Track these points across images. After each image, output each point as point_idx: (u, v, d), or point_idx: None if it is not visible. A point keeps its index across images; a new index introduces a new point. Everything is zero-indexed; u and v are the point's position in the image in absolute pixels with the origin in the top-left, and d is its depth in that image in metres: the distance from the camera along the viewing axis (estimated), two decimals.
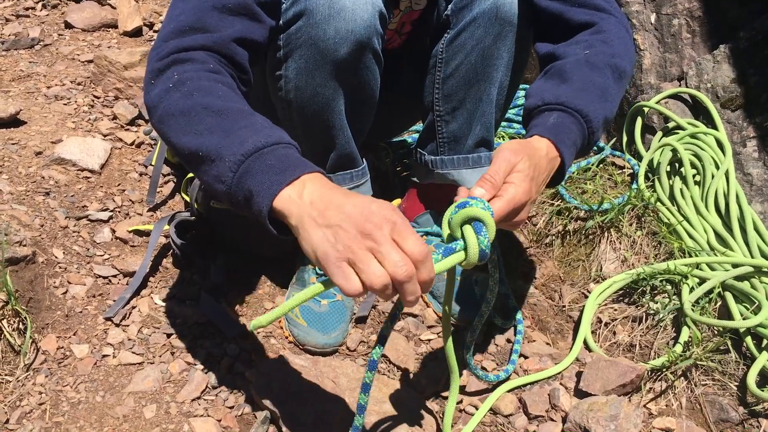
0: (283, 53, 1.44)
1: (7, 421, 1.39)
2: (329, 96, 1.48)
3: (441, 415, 1.54)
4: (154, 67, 1.24)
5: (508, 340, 1.76)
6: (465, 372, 1.63)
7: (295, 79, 1.46)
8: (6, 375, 1.47)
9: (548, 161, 1.26)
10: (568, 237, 2.04)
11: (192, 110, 1.16)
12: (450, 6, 1.59)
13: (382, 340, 1.15)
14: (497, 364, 1.70)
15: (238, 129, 1.13)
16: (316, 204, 1.03)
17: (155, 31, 3.04)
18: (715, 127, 2.16)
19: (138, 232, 1.92)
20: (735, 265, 1.81)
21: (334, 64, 1.42)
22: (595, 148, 2.39)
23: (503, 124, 2.44)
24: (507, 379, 1.63)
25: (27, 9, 2.99)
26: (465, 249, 1.08)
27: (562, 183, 1.82)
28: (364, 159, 1.71)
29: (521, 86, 2.44)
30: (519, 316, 1.79)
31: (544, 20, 1.52)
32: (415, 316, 1.80)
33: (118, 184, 2.09)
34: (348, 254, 0.98)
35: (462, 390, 1.61)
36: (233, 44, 1.29)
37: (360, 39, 1.40)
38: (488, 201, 1.11)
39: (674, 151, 2.12)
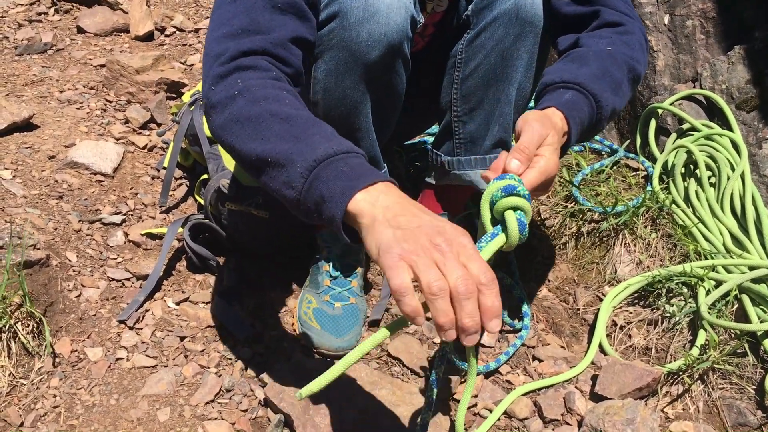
0: (313, 54, 1.44)
1: (21, 424, 1.39)
2: (357, 99, 1.47)
3: (455, 419, 1.53)
4: (216, 73, 1.22)
5: (523, 344, 1.75)
6: (480, 378, 1.62)
7: (324, 81, 1.45)
8: (21, 378, 1.48)
9: (561, 131, 1.28)
10: (581, 239, 2.03)
11: (260, 117, 1.15)
12: (470, 6, 1.58)
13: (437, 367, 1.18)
14: (511, 368, 1.69)
15: (309, 136, 1.12)
16: (391, 209, 1.02)
17: (167, 36, 3.05)
18: (730, 129, 2.14)
19: (151, 236, 1.92)
20: (752, 268, 1.79)
21: (365, 67, 1.41)
22: (608, 149, 2.38)
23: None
24: (496, 370, 1.66)
25: (39, 14, 3.01)
26: (505, 232, 1.13)
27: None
28: (384, 163, 1.71)
29: None
30: (527, 321, 1.78)
31: (567, 22, 1.52)
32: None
33: (131, 188, 2.09)
34: (412, 256, 0.96)
35: (475, 395, 1.60)
36: (289, 44, 1.28)
37: (392, 43, 1.40)
38: (521, 173, 1.16)
39: (689, 152, 2.10)
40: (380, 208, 1.02)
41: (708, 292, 1.74)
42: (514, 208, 1.12)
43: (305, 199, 1.09)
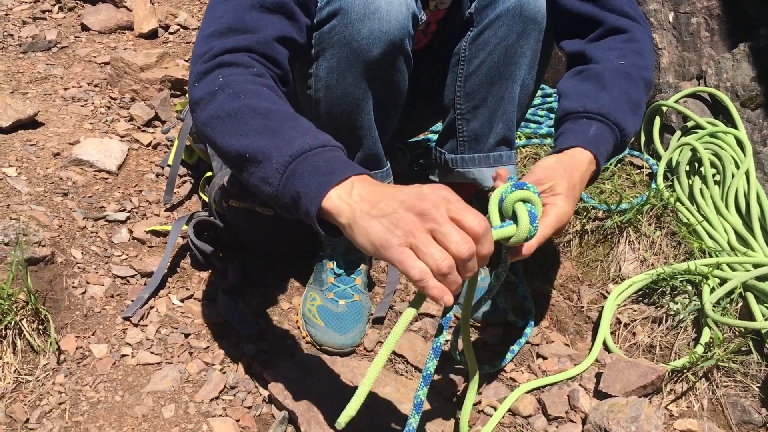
0: (314, 52, 1.43)
1: (27, 421, 1.40)
2: (359, 96, 1.47)
3: (460, 416, 1.53)
4: (199, 70, 1.24)
5: (527, 341, 1.75)
6: (483, 374, 1.62)
7: (326, 78, 1.45)
8: (26, 374, 1.48)
9: (589, 172, 1.33)
10: (586, 237, 2.03)
11: (238, 112, 1.16)
12: (474, 4, 1.58)
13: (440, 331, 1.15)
14: (515, 366, 1.69)
15: (285, 131, 1.13)
16: (367, 199, 1.02)
17: (170, 33, 3.06)
18: (734, 126, 2.14)
19: (155, 233, 1.92)
20: (756, 265, 1.79)
21: (366, 64, 1.42)
22: None
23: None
24: (502, 369, 1.66)
25: (44, 12, 3.01)
26: (516, 223, 1.14)
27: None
28: (387, 160, 1.71)
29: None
30: (531, 319, 1.78)
31: (572, 21, 1.52)
32: (432, 316, 1.79)
33: (135, 185, 2.10)
34: (409, 239, 0.97)
35: (480, 392, 1.60)
36: (274, 43, 1.29)
37: (393, 40, 1.40)
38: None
39: (693, 150, 2.10)
40: (356, 201, 1.03)
41: (712, 290, 1.74)
42: (524, 201, 1.14)
43: (282, 195, 1.10)
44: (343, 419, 1.03)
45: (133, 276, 1.78)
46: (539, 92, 2.54)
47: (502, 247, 1.23)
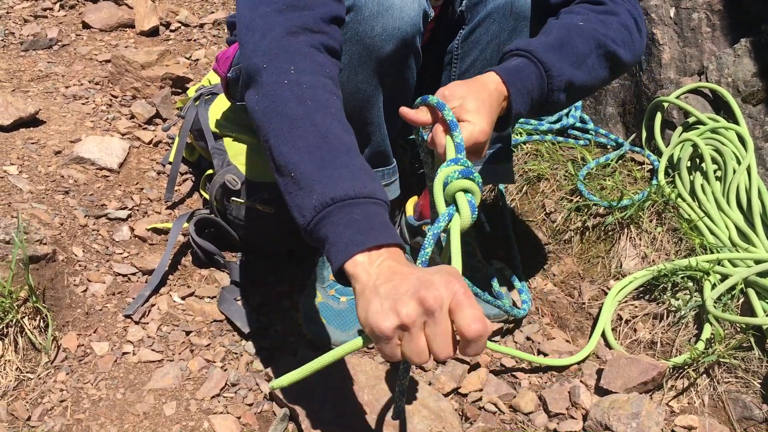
0: None
1: (29, 418, 1.40)
2: (370, 92, 1.47)
3: (461, 412, 1.53)
4: (267, 48, 1.18)
5: (528, 338, 1.75)
6: (484, 371, 1.62)
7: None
8: (27, 372, 1.49)
9: (497, 96, 1.25)
10: (587, 233, 2.03)
11: (300, 120, 1.11)
12: (464, 2, 1.58)
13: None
14: (516, 362, 1.69)
15: (337, 166, 1.08)
16: (384, 274, 0.98)
17: (172, 31, 3.06)
18: (736, 122, 2.13)
19: (156, 230, 1.92)
20: (757, 261, 1.79)
21: (378, 61, 1.41)
22: (613, 143, 2.37)
23: (520, 120, 2.42)
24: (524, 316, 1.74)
25: (45, 10, 3.01)
26: (458, 213, 1.13)
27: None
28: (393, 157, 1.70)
29: None
30: (527, 306, 1.77)
31: (557, 9, 1.50)
32: None
33: (137, 183, 2.10)
34: (398, 333, 0.94)
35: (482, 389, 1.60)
36: (333, 26, 1.26)
37: (405, 37, 1.39)
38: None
39: (695, 146, 2.09)
40: (375, 273, 0.99)
41: (713, 286, 1.74)
42: (465, 191, 1.13)
43: (311, 231, 1.07)
44: (272, 385, 1.06)
45: (134, 274, 1.78)
46: None
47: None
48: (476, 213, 1.13)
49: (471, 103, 1.21)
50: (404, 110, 1.24)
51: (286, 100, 1.13)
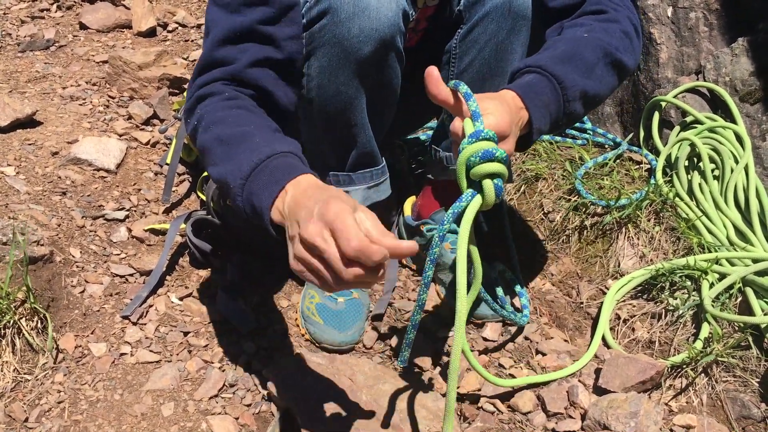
0: (305, 51, 1.44)
1: (26, 420, 1.40)
2: (352, 94, 1.47)
3: (459, 412, 1.53)
4: (186, 108, 1.38)
5: (526, 338, 1.75)
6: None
7: (318, 78, 1.45)
8: (25, 374, 1.48)
9: (515, 107, 1.24)
10: (585, 233, 2.03)
11: (209, 144, 1.27)
12: (462, 1, 1.57)
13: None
14: (515, 361, 1.69)
15: (240, 153, 1.20)
16: (291, 208, 1.10)
17: (169, 31, 3.05)
18: (733, 121, 2.13)
19: (154, 231, 1.92)
20: (755, 260, 1.79)
21: (358, 62, 1.42)
22: (611, 143, 2.37)
23: None
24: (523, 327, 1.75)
25: (42, 11, 3.01)
26: (482, 195, 1.15)
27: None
28: (382, 157, 1.70)
29: None
30: (527, 312, 1.77)
31: (558, 15, 1.51)
32: (431, 311, 1.79)
33: (134, 184, 2.10)
34: (305, 266, 1.05)
35: (479, 391, 1.60)
36: (248, 70, 1.36)
37: (384, 38, 1.40)
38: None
39: (692, 145, 2.09)
40: (287, 212, 1.10)
41: (711, 285, 1.74)
42: (492, 176, 1.13)
43: (251, 216, 1.18)
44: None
45: (131, 274, 1.78)
46: None
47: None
48: (503, 194, 1.17)
49: (489, 103, 1.19)
50: (431, 73, 1.20)
51: (200, 137, 1.30)
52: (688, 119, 2.24)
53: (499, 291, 1.77)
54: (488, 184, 1.13)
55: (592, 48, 1.36)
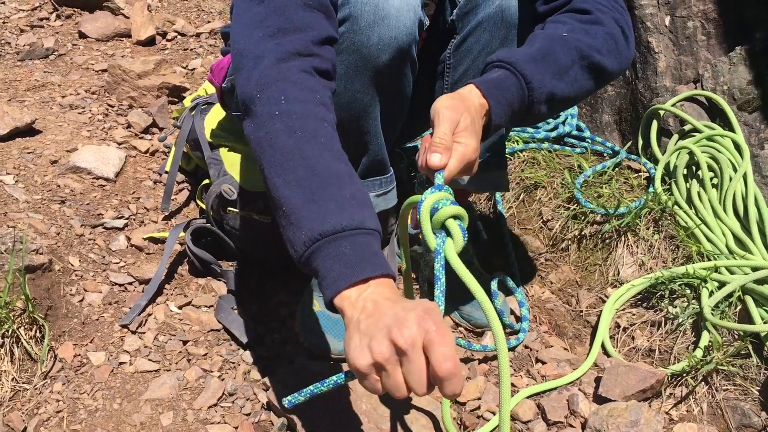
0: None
1: (24, 429, 1.39)
2: (367, 102, 1.47)
3: (459, 421, 1.53)
4: (259, 78, 1.19)
5: (526, 346, 1.75)
6: (482, 379, 1.62)
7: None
8: (23, 383, 1.48)
9: (480, 110, 1.25)
10: (584, 241, 2.03)
11: (291, 153, 1.13)
12: (455, 11, 1.58)
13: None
14: (514, 370, 1.69)
15: (325, 199, 1.09)
16: (367, 309, 1.01)
17: (168, 40, 3.06)
18: (732, 130, 2.14)
19: (153, 240, 1.92)
20: (755, 269, 1.79)
21: (375, 70, 1.41)
22: (610, 151, 2.37)
23: (516, 129, 2.43)
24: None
25: (41, 19, 3.01)
26: (450, 238, 1.13)
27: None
28: (390, 166, 1.70)
29: None
30: (526, 325, 1.77)
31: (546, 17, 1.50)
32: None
33: (133, 192, 2.10)
34: (375, 369, 0.96)
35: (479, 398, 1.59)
36: (326, 47, 1.26)
37: (401, 46, 1.40)
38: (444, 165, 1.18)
39: (691, 154, 2.10)
40: (359, 309, 1.01)
41: (711, 294, 1.74)
42: (454, 217, 1.12)
43: (302, 265, 1.09)
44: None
45: (130, 283, 1.78)
46: None
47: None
48: (466, 237, 1.13)
49: (462, 123, 1.20)
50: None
51: (277, 132, 1.15)
52: (687, 128, 2.24)
53: (497, 302, 1.76)
54: (453, 224, 1.12)
55: (568, 49, 1.35)
